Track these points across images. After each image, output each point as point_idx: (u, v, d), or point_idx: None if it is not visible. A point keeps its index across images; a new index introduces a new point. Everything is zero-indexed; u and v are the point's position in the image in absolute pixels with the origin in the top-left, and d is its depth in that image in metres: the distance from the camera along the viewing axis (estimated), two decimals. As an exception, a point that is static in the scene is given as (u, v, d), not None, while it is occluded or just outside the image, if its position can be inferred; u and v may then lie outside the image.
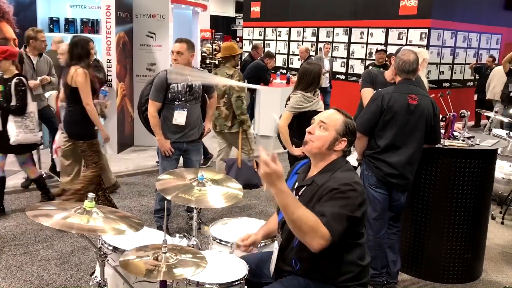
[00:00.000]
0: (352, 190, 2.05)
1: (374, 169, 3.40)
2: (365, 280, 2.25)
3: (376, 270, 3.55)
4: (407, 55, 3.38)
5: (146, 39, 7.60)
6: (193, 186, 2.77)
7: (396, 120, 3.29)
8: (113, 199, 5.34)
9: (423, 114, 3.33)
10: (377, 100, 3.34)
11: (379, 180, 3.40)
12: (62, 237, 4.25)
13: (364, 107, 3.53)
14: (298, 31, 12.56)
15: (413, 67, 3.36)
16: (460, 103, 9.24)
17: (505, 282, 3.87)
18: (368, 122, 3.37)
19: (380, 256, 3.53)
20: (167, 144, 4.13)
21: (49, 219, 2.02)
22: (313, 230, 1.92)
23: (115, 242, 2.47)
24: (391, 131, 3.32)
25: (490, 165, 3.79)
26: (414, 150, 3.36)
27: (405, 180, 3.40)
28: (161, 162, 4.26)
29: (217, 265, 2.46)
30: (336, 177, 2.13)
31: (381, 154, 3.36)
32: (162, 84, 4.05)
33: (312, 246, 1.95)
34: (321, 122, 2.23)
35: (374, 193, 3.43)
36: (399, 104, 3.29)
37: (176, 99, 4.08)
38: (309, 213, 1.95)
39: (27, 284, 3.49)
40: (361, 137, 3.39)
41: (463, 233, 3.72)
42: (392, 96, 3.30)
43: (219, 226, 2.95)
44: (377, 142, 3.37)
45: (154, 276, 2.05)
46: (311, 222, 1.92)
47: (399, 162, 3.33)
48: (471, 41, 11.18)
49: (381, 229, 3.50)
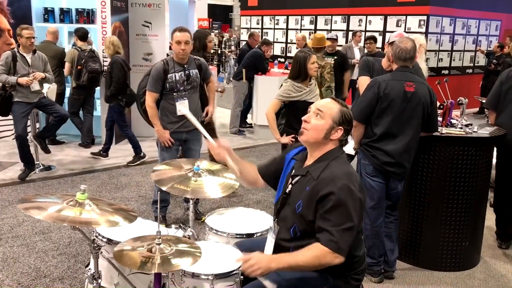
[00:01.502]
0: (349, 193, 2.04)
1: (371, 157, 3.38)
2: (361, 269, 2.25)
3: (374, 259, 3.54)
4: (405, 43, 3.34)
5: (142, 29, 7.53)
6: (189, 176, 2.75)
7: (392, 107, 3.27)
8: (111, 190, 5.34)
9: (420, 102, 3.30)
10: (374, 87, 3.31)
11: (376, 169, 3.38)
12: (59, 229, 4.25)
13: (361, 95, 3.50)
14: (296, 19, 12.47)
15: (410, 55, 3.32)
16: (459, 90, 9.21)
17: (503, 269, 3.88)
18: (364, 110, 3.34)
19: (378, 245, 3.52)
20: (166, 135, 4.09)
21: (41, 211, 2.00)
22: (321, 258, 2.01)
23: (109, 234, 2.45)
24: (387, 119, 3.29)
25: (488, 153, 3.77)
26: (410, 138, 3.34)
27: (402, 168, 3.38)
28: (160, 153, 4.23)
29: (213, 256, 2.45)
30: (332, 171, 2.11)
31: (377, 142, 3.34)
32: (160, 74, 3.99)
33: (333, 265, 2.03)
34: (317, 110, 2.21)
35: (371, 182, 3.42)
36: (396, 92, 3.26)
37: (174, 89, 4.03)
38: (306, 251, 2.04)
39: (24, 276, 3.49)
40: (358, 125, 3.37)
41: (461, 220, 3.72)
42: (389, 84, 3.27)
43: (215, 217, 2.94)
44: (374, 130, 3.35)
45: (148, 268, 2.04)
46: (315, 258, 2.02)
47: (396, 150, 3.31)
48: (470, 28, 11.10)
49: (378, 218, 3.49)
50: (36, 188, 5.33)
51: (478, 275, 3.78)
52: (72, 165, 6.10)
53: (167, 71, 4.00)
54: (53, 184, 5.46)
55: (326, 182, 2.07)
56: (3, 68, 5.27)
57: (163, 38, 7.53)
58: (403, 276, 3.70)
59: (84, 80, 6.52)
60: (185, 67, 4.06)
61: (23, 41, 5.35)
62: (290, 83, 4.11)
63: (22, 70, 5.35)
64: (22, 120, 5.41)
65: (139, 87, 4.27)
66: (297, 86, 4.10)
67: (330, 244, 2.00)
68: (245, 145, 7.63)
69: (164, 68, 3.99)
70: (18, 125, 5.41)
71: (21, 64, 5.36)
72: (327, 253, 2.01)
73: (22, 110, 5.39)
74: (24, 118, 5.45)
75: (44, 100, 5.57)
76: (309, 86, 4.14)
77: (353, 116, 3.34)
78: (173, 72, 4.01)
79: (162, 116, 4.13)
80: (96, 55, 6.74)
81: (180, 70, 4.04)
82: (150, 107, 4.06)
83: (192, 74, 4.09)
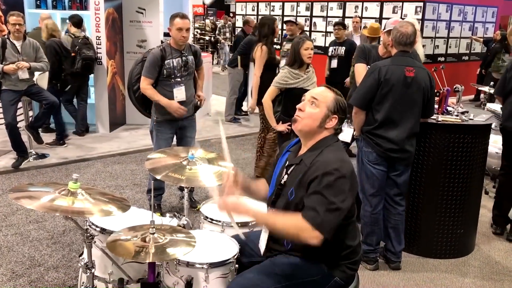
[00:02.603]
0: (340, 177, 1.99)
1: (374, 145, 3.34)
2: (356, 259, 2.24)
3: (371, 246, 3.54)
4: (405, 27, 3.29)
5: (136, 15, 7.43)
6: (184, 165, 2.73)
7: (393, 93, 3.23)
8: (105, 178, 5.31)
9: (420, 87, 3.28)
10: (374, 73, 3.27)
11: (380, 156, 3.35)
12: (53, 218, 4.22)
13: (361, 81, 3.46)
14: (292, 6, 12.35)
15: (410, 40, 3.29)
16: (455, 77, 9.17)
17: (497, 256, 3.89)
18: (365, 96, 3.30)
19: (376, 232, 3.52)
20: (175, 104, 3.98)
21: (33, 201, 1.97)
22: (300, 230, 1.96)
23: (102, 223, 2.43)
24: (388, 105, 3.26)
25: (483, 140, 3.75)
26: (412, 124, 3.33)
27: (407, 153, 3.36)
28: (156, 141, 4.16)
29: (208, 245, 2.44)
30: (324, 157, 2.08)
31: (379, 129, 3.30)
32: (157, 60, 3.93)
33: (308, 243, 1.96)
34: (312, 98, 2.17)
35: (373, 169, 3.39)
36: (396, 77, 3.23)
37: (172, 75, 3.98)
38: (289, 218, 2.02)
39: (19, 264, 3.47)
40: (358, 111, 3.34)
41: (456, 208, 3.72)
42: (389, 69, 3.24)
43: (211, 205, 2.92)
44: (375, 117, 3.31)
45: (142, 258, 2.03)
46: (293, 227, 1.98)
47: (398, 136, 3.29)
48: (466, 14, 11.04)
49: (378, 205, 3.48)
50: (30, 176, 5.29)
51: (472, 262, 3.80)
52: (66, 153, 6.06)
53: (165, 57, 3.95)
54: (47, 173, 5.43)
55: (317, 166, 2.04)
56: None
57: (157, 24, 7.44)
58: (398, 264, 3.71)
59: (78, 68, 6.44)
60: (183, 53, 4.02)
61: (10, 27, 5.30)
62: (287, 70, 4.09)
63: (12, 57, 5.27)
64: (10, 108, 5.33)
65: (131, 75, 4.20)
66: (294, 73, 4.07)
67: (312, 220, 1.94)
68: (240, 133, 7.60)
69: (162, 54, 3.94)
70: (7, 113, 5.33)
71: (10, 51, 5.27)
72: (307, 228, 1.93)
73: (11, 98, 5.32)
74: (13, 106, 5.37)
75: (33, 88, 5.48)
76: (306, 73, 4.11)
77: (353, 102, 3.31)
78: (171, 58, 3.97)
79: (157, 104, 4.05)
80: (90, 42, 6.66)
81: (178, 56, 4.00)
82: (146, 88, 3.97)
83: (189, 60, 4.06)
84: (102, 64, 6.89)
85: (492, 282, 3.51)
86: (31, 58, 5.39)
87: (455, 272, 3.64)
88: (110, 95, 7.05)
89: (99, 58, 6.86)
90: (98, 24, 6.80)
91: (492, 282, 3.51)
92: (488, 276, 3.59)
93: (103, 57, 6.88)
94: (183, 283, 2.23)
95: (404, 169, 3.45)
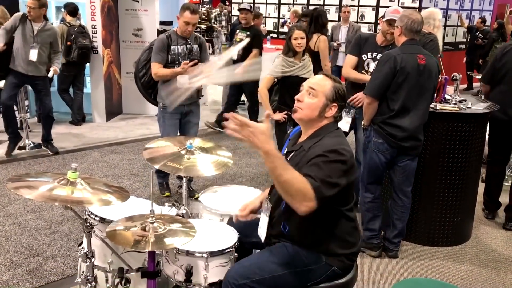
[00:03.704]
0: (338, 158, 1.98)
1: (386, 136, 3.31)
2: (355, 250, 2.23)
3: (374, 231, 3.56)
4: (415, 15, 3.27)
5: (131, 3, 7.36)
6: (182, 154, 2.72)
7: (408, 81, 3.22)
8: (102, 168, 5.30)
9: (431, 74, 3.28)
10: (389, 61, 3.22)
11: (391, 146, 3.33)
12: (51, 208, 4.21)
13: (374, 71, 3.43)
14: (288, -6, 12.28)
15: (420, 27, 3.28)
16: (452, 66, 9.17)
17: (494, 244, 3.92)
18: (380, 86, 3.26)
19: (378, 217, 3.54)
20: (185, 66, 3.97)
21: (31, 191, 1.96)
22: (302, 193, 1.85)
23: (101, 213, 2.43)
24: (403, 93, 3.24)
25: (481, 129, 3.76)
26: (424, 111, 3.34)
27: (418, 141, 3.37)
28: (164, 127, 4.25)
29: (207, 234, 2.44)
30: (324, 142, 2.08)
31: (394, 119, 3.28)
32: (164, 45, 4.05)
33: (298, 209, 1.88)
34: (310, 88, 2.17)
35: (382, 159, 3.38)
36: (410, 65, 3.21)
37: (176, 61, 4.07)
38: (298, 175, 1.87)
39: (17, 254, 3.47)
40: (373, 101, 3.30)
41: (454, 196, 3.73)
42: (403, 57, 3.21)
43: (209, 194, 2.92)
44: (390, 106, 3.28)
45: (142, 247, 2.03)
46: (300, 185, 1.85)
47: (412, 124, 3.29)
48: (463, 2, 11.00)
49: (377, 192, 3.52)
50: (27, 166, 5.27)
51: (469, 250, 3.83)
52: (62, 143, 6.03)
53: (170, 44, 4.07)
54: (44, 162, 5.41)
55: (316, 149, 2.05)
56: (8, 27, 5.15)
57: (153, 13, 7.38)
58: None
59: (74, 57, 6.40)
60: (188, 41, 4.13)
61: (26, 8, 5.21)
62: (282, 58, 4.09)
63: (28, 37, 5.17)
64: (11, 90, 5.25)
65: (138, 62, 4.28)
66: (289, 61, 4.06)
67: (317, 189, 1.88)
68: (237, 122, 7.57)
69: (167, 41, 4.06)
70: (5, 93, 5.26)
71: (30, 29, 5.18)
72: (310, 191, 1.86)
73: (15, 80, 5.24)
74: (15, 89, 5.30)
75: (40, 81, 5.36)
76: (302, 61, 4.10)
77: (369, 93, 3.31)
78: (176, 45, 4.09)
79: (162, 90, 4.15)
80: (86, 31, 6.60)
81: (183, 43, 4.12)
82: (158, 72, 4.05)
83: (193, 48, 4.16)
84: (98, 53, 6.84)
85: (489, 270, 3.54)
86: (45, 45, 5.28)
87: (452, 259, 3.66)
88: (106, 84, 7.01)
89: (95, 47, 6.80)
90: (93, 12, 6.73)
91: (489, 270, 3.54)
92: (485, 264, 3.62)
93: (99, 46, 6.83)
94: (183, 272, 2.24)
95: (413, 158, 3.44)
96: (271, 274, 2.12)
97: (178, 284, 2.30)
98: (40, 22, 5.27)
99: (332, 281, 2.19)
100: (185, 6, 4.05)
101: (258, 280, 2.10)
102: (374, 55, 3.86)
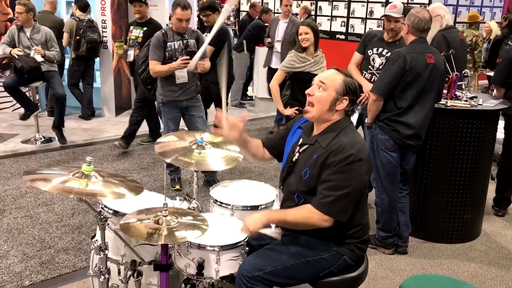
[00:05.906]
0: (357, 161, 2.06)
1: (391, 132, 3.31)
2: (364, 238, 2.27)
3: (389, 232, 3.56)
4: (422, 13, 3.25)
5: (141, -1, 7.36)
6: (193, 149, 2.74)
7: (417, 80, 3.21)
8: (112, 161, 5.33)
9: (439, 73, 3.28)
10: (398, 60, 3.20)
11: (396, 143, 3.33)
12: (63, 200, 4.25)
13: (383, 70, 3.41)
14: (297, -10, 12.22)
15: (428, 25, 3.26)
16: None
17: (503, 241, 3.91)
18: (389, 85, 3.24)
19: (393, 218, 3.53)
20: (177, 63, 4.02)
21: (47, 183, 1.98)
22: (307, 220, 2.09)
23: (115, 206, 2.45)
24: (412, 92, 3.24)
25: (492, 126, 3.75)
26: (429, 110, 3.33)
27: (420, 140, 3.37)
28: (164, 121, 4.32)
29: (219, 227, 2.46)
30: (341, 140, 2.11)
31: (401, 116, 3.28)
32: (159, 42, 4.09)
33: (320, 226, 2.09)
34: (320, 82, 2.20)
35: (389, 157, 3.37)
36: (420, 64, 3.20)
37: (173, 57, 4.10)
38: (296, 211, 2.14)
39: (29, 246, 3.51)
40: (378, 99, 3.29)
41: (464, 193, 3.72)
42: (413, 56, 3.20)
43: (220, 189, 2.93)
44: (397, 104, 3.27)
45: (155, 240, 2.05)
46: (303, 217, 2.10)
47: (418, 122, 3.28)
48: (474, -1, 10.90)
49: (395, 192, 3.48)
50: (38, 160, 5.32)
51: (479, 247, 3.82)
52: (72, 137, 6.07)
53: (166, 40, 4.09)
54: (54, 156, 5.45)
55: (334, 151, 2.08)
56: (7, 40, 5.42)
57: (163, 8, 7.39)
58: (405, 248, 3.73)
59: (83, 51, 6.44)
60: (184, 36, 4.15)
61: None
62: (294, 53, 4.10)
63: (27, 42, 5.43)
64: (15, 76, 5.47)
65: (139, 58, 4.39)
66: (300, 57, 4.07)
67: (320, 206, 2.06)
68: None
69: (163, 38, 4.09)
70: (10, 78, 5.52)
71: (25, 36, 5.44)
72: (315, 214, 2.07)
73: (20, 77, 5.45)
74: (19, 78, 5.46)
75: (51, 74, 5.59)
76: (314, 58, 4.10)
77: (377, 91, 3.32)
78: (172, 41, 4.11)
79: (161, 85, 4.21)
80: (95, 25, 6.64)
81: (179, 39, 4.14)
82: (155, 68, 4.08)
83: (190, 43, 4.18)
84: (108, 48, 6.87)
85: (498, 267, 3.53)
86: (43, 44, 5.47)
87: (462, 257, 3.66)
88: (115, 79, 7.05)
89: (104, 42, 6.84)
90: (103, 7, 6.76)
91: (498, 267, 3.53)
92: (494, 261, 3.61)
93: (108, 41, 6.86)
94: (195, 265, 2.25)
95: (412, 156, 3.46)
96: (283, 265, 2.16)
97: (189, 277, 2.32)
98: (30, 26, 5.47)
99: (344, 274, 2.22)
100: (176, 3, 4.06)
101: (271, 271, 2.14)
102: (380, 51, 3.88)
